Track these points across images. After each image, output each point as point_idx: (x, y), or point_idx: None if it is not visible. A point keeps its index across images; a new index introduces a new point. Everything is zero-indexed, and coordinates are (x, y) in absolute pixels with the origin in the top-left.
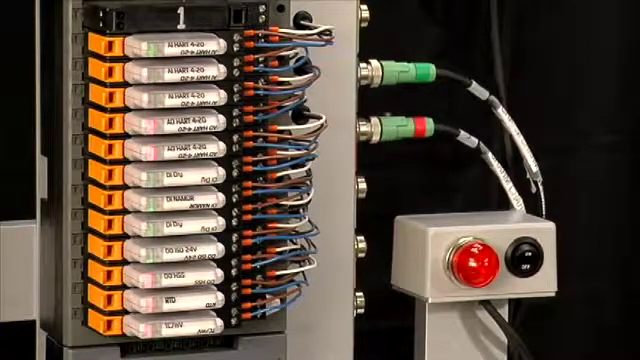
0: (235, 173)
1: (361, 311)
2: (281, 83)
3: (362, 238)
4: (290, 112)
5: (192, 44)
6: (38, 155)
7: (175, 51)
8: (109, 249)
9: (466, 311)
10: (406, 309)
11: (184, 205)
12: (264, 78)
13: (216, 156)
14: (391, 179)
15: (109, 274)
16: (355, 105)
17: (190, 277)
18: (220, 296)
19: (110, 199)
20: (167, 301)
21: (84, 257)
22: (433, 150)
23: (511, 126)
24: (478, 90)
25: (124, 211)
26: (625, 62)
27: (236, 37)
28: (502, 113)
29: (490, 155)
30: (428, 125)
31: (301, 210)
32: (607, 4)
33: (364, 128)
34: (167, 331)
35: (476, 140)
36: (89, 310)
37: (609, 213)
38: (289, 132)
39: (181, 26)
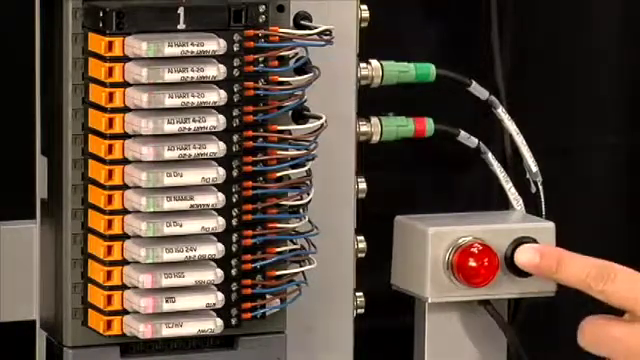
0: (235, 173)
1: (361, 311)
2: (281, 83)
3: (362, 238)
4: (290, 112)
5: (192, 44)
6: (38, 155)
7: (175, 51)
8: (109, 249)
9: (466, 311)
10: (406, 309)
11: (184, 205)
12: (264, 78)
13: (216, 156)
14: (391, 179)
15: (109, 274)
16: (355, 105)
17: (190, 277)
18: (220, 296)
19: (110, 199)
20: (167, 301)
21: (84, 257)
22: (433, 150)
23: (511, 126)
24: (478, 90)
25: (124, 211)
26: (625, 62)
27: (236, 37)
28: (502, 113)
29: (490, 155)
30: (428, 125)
31: (301, 210)
32: (607, 4)
33: (364, 128)
34: (167, 331)
35: (476, 140)
36: (89, 310)
37: (609, 213)
38: (289, 132)
39: (181, 26)
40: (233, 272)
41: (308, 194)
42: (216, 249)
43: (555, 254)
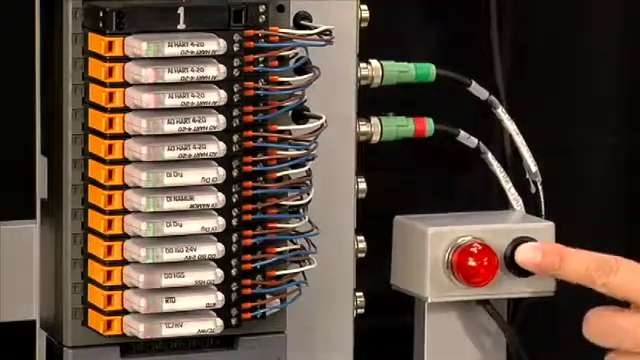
0: (235, 173)
1: (361, 311)
2: (281, 83)
3: (362, 238)
4: (290, 112)
5: (192, 44)
6: (38, 155)
7: (175, 51)
8: (109, 249)
9: (465, 311)
10: (406, 309)
11: (184, 205)
12: (264, 78)
13: (216, 156)
14: (391, 179)
15: (109, 274)
16: (355, 105)
17: (190, 277)
18: (220, 296)
19: (110, 199)
20: (167, 301)
21: (84, 257)
22: (433, 150)
23: (511, 126)
24: (478, 90)
25: (124, 211)
26: (625, 62)
27: (236, 37)
28: (502, 113)
29: (490, 155)
30: (428, 125)
31: (301, 210)
32: (607, 4)
33: (364, 128)
34: (167, 331)
35: (476, 140)
36: (89, 310)
37: (609, 213)
38: (289, 132)
39: (181, 26)
40: (233, 272)
41: (308, 194)
42: (216, 249)
43: (556, 251)
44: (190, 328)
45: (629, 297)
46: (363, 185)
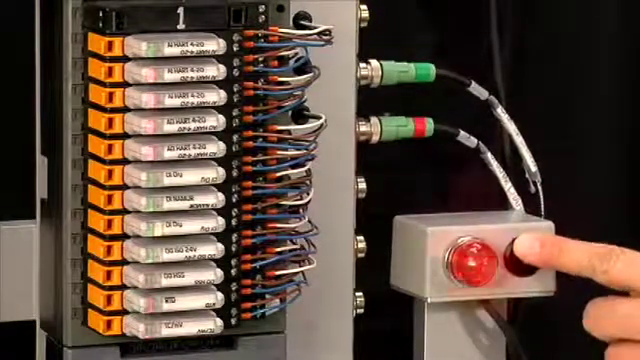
0: (235, 173)
1: (361, 311)
2: (281, 83)
3: (362, 238)
4: (290, 112)
5: (192, 44)
6: (38, 155)
7: (175, 51)
8: (109, 249)
9: (465, 311)
10: (406, 309)
11: (184, 205)
12: (264, 78)
13: (216, 156)
14: (391, 179)
15: (109, 274)
16: (355, 105)
17: (190, 277)
18: (220, 296)
19: (110, 199)
20: (167, 301)
21: (84, 257)
22: (433, 150)
23: (510, 126)
24: (478, 90)
25: (124, 211)
26: (625, 62)
27: (236, 37)
28: (501, 113)
29: (489, 155)
30: (428, 125)
31: (301, 210)
32: (607, 4)
33: (364, 128)
34: (167, 331)
35: (476, 140)
36: (89, 310)
37: (609, 213)
38: (289, 132)
39: (181, 26)
40: (233, 272)
41: (308, 194)
42: (216, 249)
43: (555, 242)
44: (190, 328)
45: (629, 284)
46: (363, 185)
